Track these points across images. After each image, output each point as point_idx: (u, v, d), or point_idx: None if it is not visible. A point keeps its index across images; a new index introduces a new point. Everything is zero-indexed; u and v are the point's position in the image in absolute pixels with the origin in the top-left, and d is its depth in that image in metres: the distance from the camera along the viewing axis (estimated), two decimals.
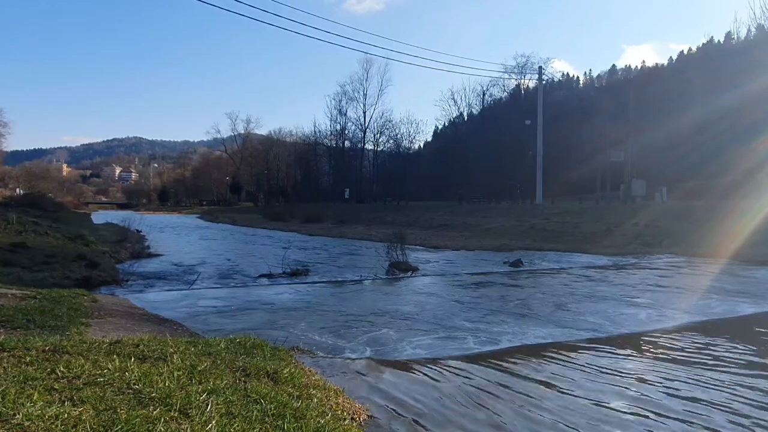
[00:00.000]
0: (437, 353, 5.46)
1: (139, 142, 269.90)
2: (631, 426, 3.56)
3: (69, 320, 5.09)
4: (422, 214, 36.55)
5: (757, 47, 36.95)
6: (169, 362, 3.42)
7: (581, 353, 5.44)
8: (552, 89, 60.93)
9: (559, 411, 3.79)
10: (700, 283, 10.91)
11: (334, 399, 3.50)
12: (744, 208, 19.87)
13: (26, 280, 8.99)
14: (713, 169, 33.50)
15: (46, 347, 3.37)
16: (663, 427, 3.55)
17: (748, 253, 15.20)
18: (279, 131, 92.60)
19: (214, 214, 65.33)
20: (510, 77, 55.03)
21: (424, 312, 7.74)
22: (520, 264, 13.99)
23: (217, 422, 2.57)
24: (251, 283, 10.94)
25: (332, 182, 73.24)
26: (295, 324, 6.81)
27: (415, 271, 12.76)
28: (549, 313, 7.69)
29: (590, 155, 45.62)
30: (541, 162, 39.28)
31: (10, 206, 32.56)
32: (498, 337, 6.17)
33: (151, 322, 6.22)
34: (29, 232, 17.22)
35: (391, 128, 66.74)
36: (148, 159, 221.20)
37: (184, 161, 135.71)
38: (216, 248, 21.07)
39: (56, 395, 2.59)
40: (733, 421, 3.67)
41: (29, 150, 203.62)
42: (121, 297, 8.43)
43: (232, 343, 4.33)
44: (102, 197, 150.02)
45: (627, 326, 6.84)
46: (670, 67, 62.29)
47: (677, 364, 5.08)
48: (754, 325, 7.11)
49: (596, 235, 21.38)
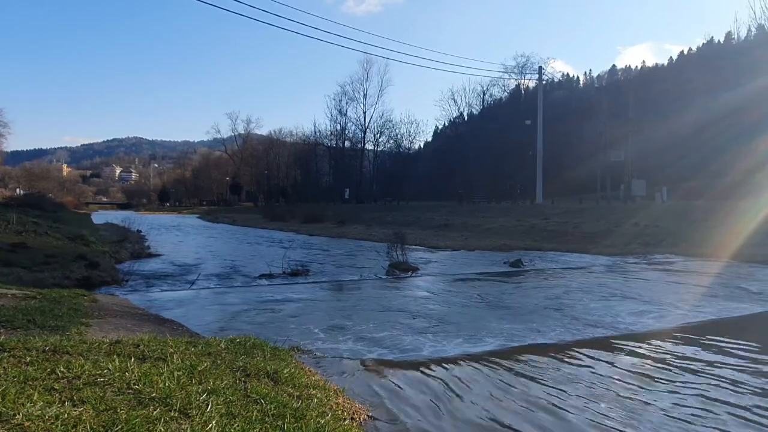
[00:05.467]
0: (438, 353, 5.45)
1: (139, 142, 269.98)
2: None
3: (69, 320, 5.09)
4: (422, 214, 36.54)
5: (757, 47, 36.95)
6: (169, 362, 3.42)
7: (580, 353, 5.44)
8: (552, 89, 60.98)
9: (569, 411, 3.79)
10: (700, 282, 10.90)
11: (334, 399, 3.50)
12: (744, 208, 19.87)
13: (26, 280, 8.99)
14: (713, 169, 33.51)
15: (46, 347, 3.36)
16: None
17: (749, 253, 15.20)
18: (279, 131, 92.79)
19: (214, 214, 65.37)
20: (510, 77, 55.09)
21: (425, 312, 7.74)
22: (521, 264, 13.98)
23: (217, 422, 2.57)
24: (251, 283, 10.93)
25: (332, 182, 73.19)
26: (295, 324, 6.81)
27: (415, 271, 12.76)
28: (549, 313, 7.69)
29: (590, 155, 45.59)
30: (541, 162, 39.27)
31: (11, 206, 32.58)
32: (498, 337, 6.16)
33: (151, 322, 6.21)
34: (29, 232, 17.22)
35: (391, 128, 66.78)
36: (148, 159, 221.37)
37: (184, 161, 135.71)
38: (216, 248, 21.07)
39: (56, 395, 2.59)
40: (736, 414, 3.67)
41: (29, 150, 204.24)
42: (121, 297, 8.43)
43: (232, 343, 4.33)
44: (102, 197, 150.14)
45: (631, 326, 6.84)
46: (670, 67, 62.36)
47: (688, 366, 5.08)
48: (757, 324, 7.11)
49: (596, 235, 21.37)
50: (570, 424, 3.56)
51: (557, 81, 69.32)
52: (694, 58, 57.06)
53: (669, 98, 47.11)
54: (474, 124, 64.05)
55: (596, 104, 53.15)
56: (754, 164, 28.94)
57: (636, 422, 3.61)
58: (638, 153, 41.24)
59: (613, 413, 3.76)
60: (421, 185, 67.24)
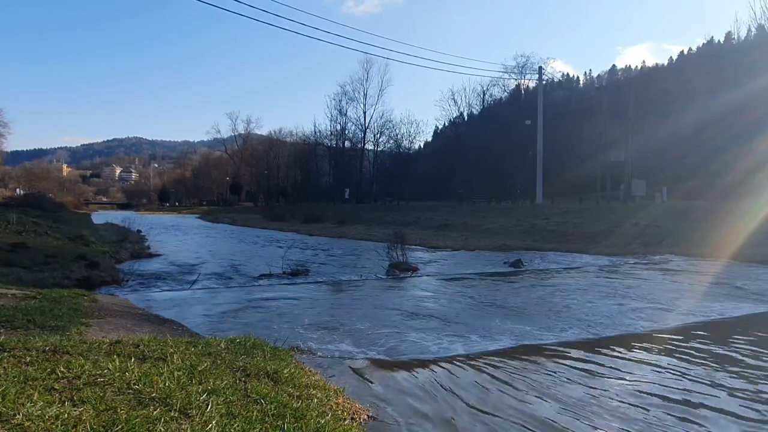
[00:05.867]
0: (438, 353, 5.45)
1: (139, 142, 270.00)
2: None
3: (69, 320, 5.09)
4: (422, 214, 36.54)
5: (757, 47, 36.97)
6: (170, 362, 3.42)
7: (580, 353, 5.44)
8: (552, 89, 60.99)
9: (568, 412, 3.79)
10: (701, 282, 10.91)
11: (335, 399, 3.50)
12: (744, 208, 19.87)
13: (26, 280, 8.99)
14: (713, 169, 33.51)
15: (46, 347, 3.36)
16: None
17: (749, 253, 15.20)
18: (279, 131, 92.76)
19: (214, 214, 65.38)
20: (510, 77, 55.10)
21: (424, 312, 7.74)
22: (521, 264, 13.98)
23: (217, 422, 2.57)
24: (251, 283, 10.93)
25: (332, 182, 73.19)
26: (296, 324, 6.81)
27: (415, 271, 12.76)
28: (549, 313, 7.69)
29: (590, 155, 45.61)
30: (541, 162, 39.27)
31: (11, 206, 32.56)
32: (498, 337, 6.16)
33: (151, 322, 6.21)
34: (29, 232, 17.22)
35: (391, 128, 66.76)
36: (148, 159, 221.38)
37: (184, 161, 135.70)
38: (216, 248, 21.06)
39: (56, 395, 2.59)
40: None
41: (29, 150, 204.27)
42: (121, 297, 8.43)
43: (232, 343, 4.33)
44: (102, 197, 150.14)
45: (631, 326, 6.84)
46: (670, 67, 62.38)
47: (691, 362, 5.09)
48: (757, 324, 7.11)
49: (596, 235, 21.37)
50: (570, 424, 3.57)
51: (557, 81, 69.36)
52: (694, 58, 57.07)
53: (669, 98, 47.13)
54: (474, 124, 64.06)
55: (596, 104, 53.16)
56: (754, 164, 28.95)
57: (636, 421, 3.61)
58: (638, 153, 41.25)
59: (614, 411, 3.77)
60: (421, 185, 67.23)
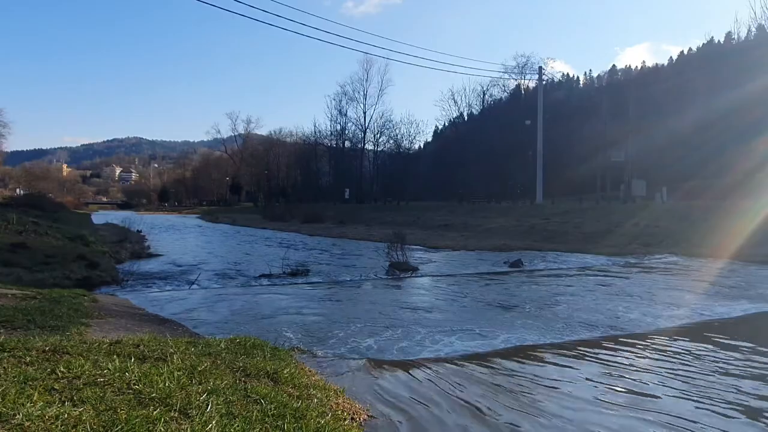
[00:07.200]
0: (438, 353, 5.46)
1: (139, 143, 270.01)
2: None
3: (69, 320, 5.09)
4: (422, 214, 36.55)
5: (757, 47, 36.96)
6: (170, 362, 3.42)
7: (580, 353, 5.44)
8: (552, 89, 60.88)
9: (562, 412, 3.79)
10: (700, 283, 10.91)
11: (334, 399, 3.50)
12: (744, 208, 19.87)
13: (26, 280, 8.99)
14: (713, 169, 33.46)
15: (46, 347, 3.36)
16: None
17: (749, 253, 15.20)
18: (279, 131, 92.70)
19: (214, 214, 65.38)
20: (510, 77, 55.02)
21: (424, 312, 7.74)
22: (521, 264, 13.98)
23: (217, 422, 2.57)
24: (251, 283, 10.93)
25: (332, 182, 73.11)
26: (296, 324, 6.81)
27: (415, 271, 12.76)
28: (549, 313, 7.69)
29: (590, 155, 45.60)
30: (541, 162, 39.26)
31: (11, 206, 32.55)
32: (497, 337, 6.16)
33: (152, 322, 6.21)
34: (29, 232, 17.21)
35: (391, 128, 66.65)
36: (148, 159, 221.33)
37: (184, 161, 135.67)
38: (216, 248, 21.07)
39: (56, 395, 2.59)
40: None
41: (29, 150, 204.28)
42: (121, 297, 8.44)
43: (232, 343, 4.33)
44: (102, 197, 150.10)
45: (631, 326, 6.84)
46: (670, 67, 62.27)
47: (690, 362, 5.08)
48: (757, 324, 7.11)
49: (596, 235, 21.37)
50: (570, 424, 3.57)
51: (557, 81, 69.25)
52: (694, 58, 56.96)
53: (669, 98, 47.04)
54: (474, 124, 64.01)
55: (596, 104, 53.19)
56: (754, 164, 28.91)
57: (635, 420, 3.61)
58: (638, 153, 41.25)
59: (615, 411, 3.77)
60: (421, 185, 67.14)
